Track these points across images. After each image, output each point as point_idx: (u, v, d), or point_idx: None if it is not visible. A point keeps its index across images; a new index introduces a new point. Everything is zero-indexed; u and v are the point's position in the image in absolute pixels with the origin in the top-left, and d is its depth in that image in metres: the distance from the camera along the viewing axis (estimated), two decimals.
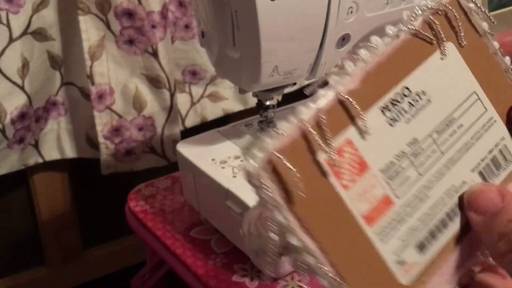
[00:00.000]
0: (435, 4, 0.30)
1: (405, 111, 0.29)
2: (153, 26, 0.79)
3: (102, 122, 0.82)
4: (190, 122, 0.92)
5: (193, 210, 0.61)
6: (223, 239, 0.57)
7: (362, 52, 0.28)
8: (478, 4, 0.31)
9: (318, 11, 0.46)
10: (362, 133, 0.27)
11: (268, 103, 0.55)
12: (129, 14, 0.78)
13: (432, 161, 0.29)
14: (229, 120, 0.92)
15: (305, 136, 0.26)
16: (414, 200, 0.28)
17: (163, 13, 0.79)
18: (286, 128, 0.26)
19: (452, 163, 0.29)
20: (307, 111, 0.26)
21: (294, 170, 0.25)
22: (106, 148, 0.83)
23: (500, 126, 0.31)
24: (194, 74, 0.89)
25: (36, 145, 0.82)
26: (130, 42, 0.80)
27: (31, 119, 0.78)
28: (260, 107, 0.56)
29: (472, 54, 0.31)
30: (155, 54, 0.80)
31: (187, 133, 0.86)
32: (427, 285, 0.28)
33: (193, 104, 0.91)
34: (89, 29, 0.78)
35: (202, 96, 0.92)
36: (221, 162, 0.54)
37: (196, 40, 0.86)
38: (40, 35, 0.77)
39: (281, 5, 0.44)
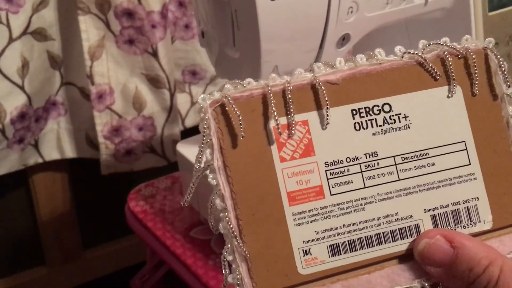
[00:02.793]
0: (460, 47, 0.30)
1: (377, 124, 0.29)
2: (153, 26, 0.79)
3: (102, 122, 0.82)
4: (190, 122, 0.92)
5: (193, 210, 0.61)
6: (223, 239, 0.57)
7: (358, 56, 0.29)
8: (504, 67, 0.30)
9: (318, 11, 0.46)
10: (321, 122, 0.28)
11: None
12: (129, 14, 0.78)
13: (383, 181, 0.29)
14: None
15: (264, 98, 0.28)
16: (347, 205, 0.29)
17: (163, 13, 0.79)
18: (251, 85, 0.28)
19: (406, 193, 0.29)
20: (277, 79, 0.28)
21: (240, 117, 0.27)
22: (106, 148, 0.83)
23: (479, 186, 0.30)
24: (194, 74, 0.89)
25: (36, 145, 0.82)
26: (130, 42, 0.80)
27: (31, 119, 0.78)
28: None
29: (479, 108, 0.30)
30: (155, 54, 0.80)
31: (187, 133, 0.86)
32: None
33: (193, 104, 0.91)
34: (89, 29, 0.78)
35: None
36: None
37: (196, 40, 0.86)
38: (40, 35, 0.77)
39: (281, 5, 0.44)
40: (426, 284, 0.29)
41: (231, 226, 0.27)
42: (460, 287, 0.27)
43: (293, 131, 0.28)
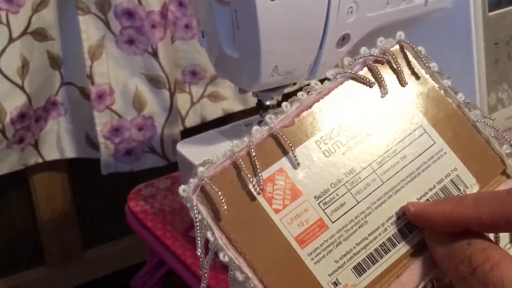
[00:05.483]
0: (378, 51, 0.33)
1: (342, 144, 0.31)
2: (153, 26, 0.79)
3: (102, 122, 0.82)
4: (190, 122, 0.92)
5: None
6: None
7: (300, 94, 0.31)
8: (421, 52, 0.34)
9: (318, 11, 0.46)
10: (293, 164, 0.30)
11: (268, 103, 0.55)
12: (129, 14, 0.78)
13: (371, 189, 0.31)
14: (229, 120, 0.92)
15: (236, 166, 0.30)
16: (350, 225, 0.30)
17: (163, 13, 0.79)
18: (219, 159, 0.30)
19: (395, 191, 0.31)
20: (240, 144, 0.30)
21: (220, 193, 0.29)
22: (106, 148, 0.83)
23: (452, 158, 0.32)
24: (194, 74, 0.89)
25: (36, 145, 0.82)
26: (130, 42, 0.80)
27: (31, 119, 0.78)
28: (260, 107, 0.56)
29: (418, 93, 0.33)
30: (155, 54, 0.80)
31: (187, 133, 0.86)
32: None
33: (193, 104, 0.91)
34: (89, 29, 0.78)
35: (202, 96, 0.92)
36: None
37: (196, 40, 0.86)
38: (40, 35, 0.77)
39: (281, 5, 0.44)
40: None
41: None
42: (454, 263, 0.28)
43: (275, 183, 0.30)
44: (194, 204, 0.29)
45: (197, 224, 0.29)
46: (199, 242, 0.29)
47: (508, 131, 0.61)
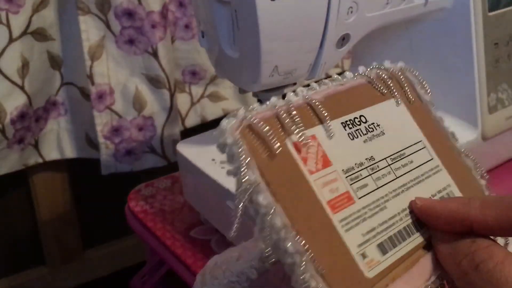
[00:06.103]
0: (387, 69, 0.35)
1: (363, 133, 0.32)
2: (153, 26, 0.79)
3: (102, 122, 0.82)
4: (190, 122, 0.92)
5: (193, 210, 0.61)
6: (223, 239, 0.57)
7: (325, 80, 0.32)
8: (420, 79, 0.36)
9: (318, 11, 0.46)
10: (328, 134, 0.30)
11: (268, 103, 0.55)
12: (129, 14, 0.78)
13: (387, 180, 0.31)
14: None
15: (278, 117, 0.29)
16: (373, 205, 0.30)
17: (163, 13, 0.79)
18: (260, 108, 0.29)
19: (406, 188, 0.32)
20: (279, 101, 0.29)
21: (271, 131, 0.27)
22: (106, 148, 0.83)
23: (446, 175, 0.34)
24: (194, 74, 0.89)
25: (36, 145, 0.82)
26: (130, 42, 0.80)
27: (31, 119, 0.78)
28: None
29: (418, 113, 0.35)
30: (155, 54, 0.80)
31: (187, 133, 0.86)
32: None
33: (193, 104, 0.91)
34: (89, 29, 0.78)
35: (202, 96, 0.92)
36: (221, 162, 0.54)
37: (196, 40, 0.86)
38: (40, 35, 0.77)
39: (281, 5, 0.44)
40: None
41: (299, 240, 0.26)
42: (457, 259, 0.28)
43: (306, 147, 0.29)
44: (238, 138, 0.27)
45: (242, 160, 0.26)
46: (242, 178, 0.26)
47: (508, 131, 0.61)
